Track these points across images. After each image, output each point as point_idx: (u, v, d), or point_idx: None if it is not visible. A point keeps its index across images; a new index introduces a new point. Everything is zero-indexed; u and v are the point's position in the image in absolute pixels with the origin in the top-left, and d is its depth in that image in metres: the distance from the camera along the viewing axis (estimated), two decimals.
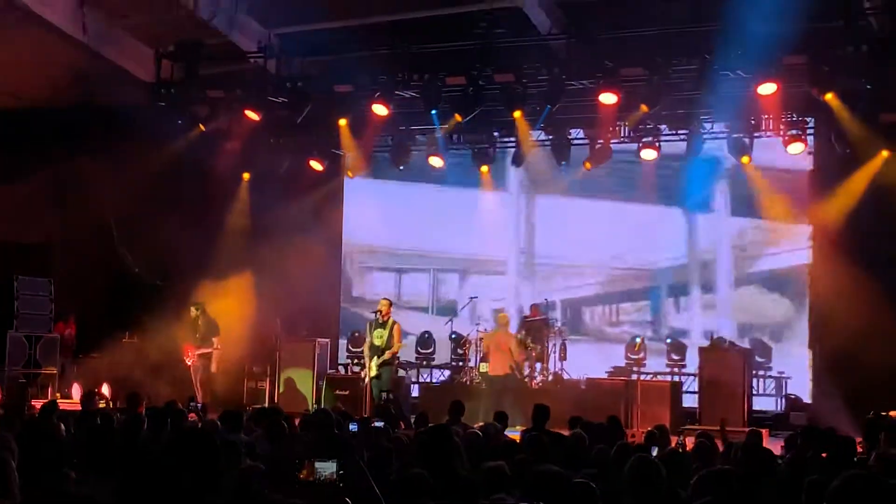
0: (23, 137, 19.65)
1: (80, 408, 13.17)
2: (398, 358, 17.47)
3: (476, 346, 19.17)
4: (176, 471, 4.45)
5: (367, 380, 16.77)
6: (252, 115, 18.72)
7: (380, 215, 21.88)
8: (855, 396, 15.55)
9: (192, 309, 17.55)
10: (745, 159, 18.25)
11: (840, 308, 16.15)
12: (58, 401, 16.24)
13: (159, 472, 4.42)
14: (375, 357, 16.50)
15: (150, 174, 18.53)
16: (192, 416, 12.04)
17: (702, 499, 5.53)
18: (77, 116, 19.07)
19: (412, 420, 13.89)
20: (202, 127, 19.09)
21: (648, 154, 18.64)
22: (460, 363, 19.72)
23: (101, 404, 14.37)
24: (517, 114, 18.06)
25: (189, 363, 17.48)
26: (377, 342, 16.53)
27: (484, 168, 20.37)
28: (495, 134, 19.95)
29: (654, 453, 9.08)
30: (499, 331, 17.96)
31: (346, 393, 18.22)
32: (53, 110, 19.43)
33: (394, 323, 16.69)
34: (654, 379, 18.51)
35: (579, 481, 5.52)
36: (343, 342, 21.02)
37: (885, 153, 16.84)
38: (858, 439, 11.15)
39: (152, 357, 17.51)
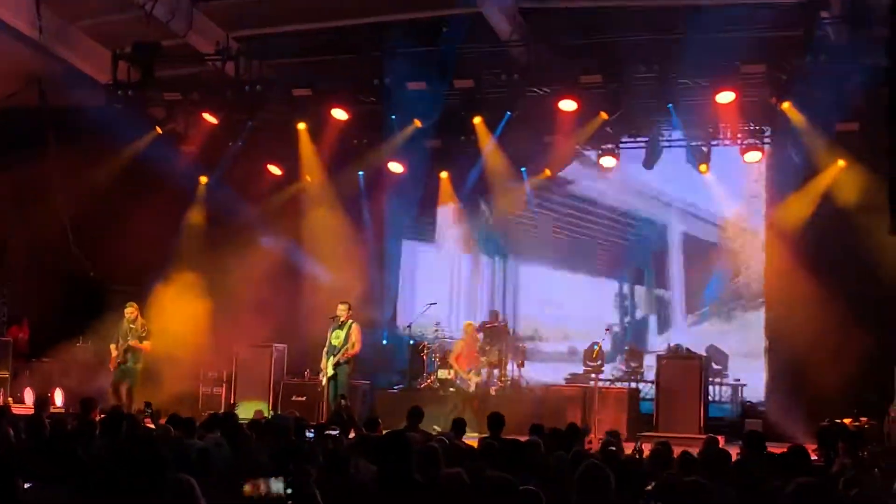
0: None
1: (33, 412, 13.00)
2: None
3: (435, 353, 19.11)
4: (122, 479, 4.38)
5: (324, 381, 16.65)
6: (210, 118, 18.60)
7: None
8: (810, 403, 15.67)
9: (129, 307, 17.04)
10: (703, 168, 18.36)
11: (795, 316, 16.28)
12: (10, 405, 16.06)
13: (109, 480, 4.33)
14: (332, 357, 16.41)
15: (107, 177, 18.36)
16: (148, 422, 11.92)
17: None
18: (32, 118, 18.85)
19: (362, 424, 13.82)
20: (159, 129, 18.97)
21: (608, 161, 18.76)
22: (418, 369, 19.61)
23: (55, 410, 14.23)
24: (477, 119, 18.07)
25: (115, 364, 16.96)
26: (335, 342, 16.44)
27: (443, 174, 20.36)
28: (454, 140, 19.92)
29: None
30: (466, 339, 18.08)
31: (304, 399, 18.10)
32: (8, 111, 19.19)
33: (352, 324, 16.61)
34: (611, 386, 18.55)
35: (526, 488, 5.50)
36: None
37: (840, 162, 16.96)
38: (812, 446, 11.22)
39: (106, 362, 17.25)
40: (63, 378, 18.27)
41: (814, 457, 10.36)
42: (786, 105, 16.21)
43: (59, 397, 17.75)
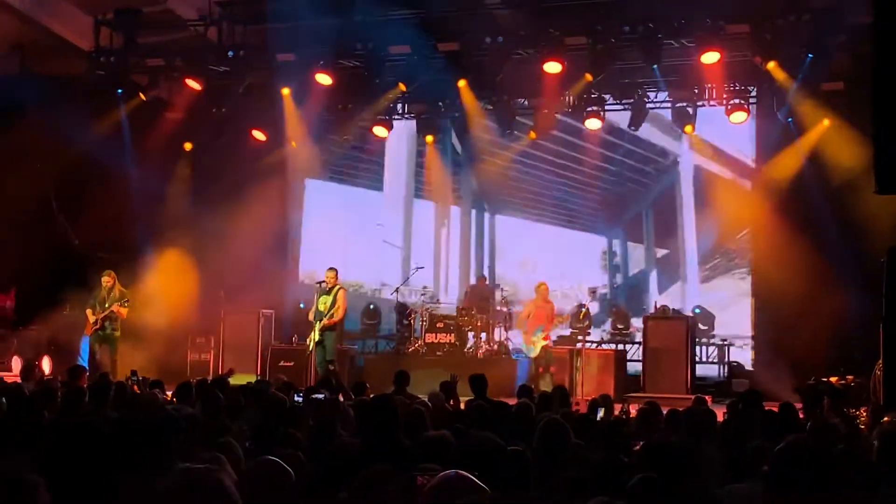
0: None
1: (20, 380, 12.99)
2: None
3: (421, 316, 19.12)
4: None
5: (311, 347, 16.67)
6: (193, 84, 18.50)
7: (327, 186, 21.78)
8: (796, 362, 15.74)
9: (106, 276, 17.03)
10: (688, 128, 18.38)
11: (782, 275, 16.32)
12: None
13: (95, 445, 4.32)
14: (318, 322, 16.42)
15: (90, 144, 18.25)
16: (135, 389, 11.91)
17: (645, 466, 5.54)
18: (14, 86, 18.70)
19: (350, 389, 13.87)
20: (142, 96, 18.88)
21: (593, 123, 18.75)
22: (406, 333, 19.64)
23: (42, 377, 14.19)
24: (461, 83, 18.02)
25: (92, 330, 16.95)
26: (321, 308, 16.44)
27: (429, 138, 20.35)
28: (439, 104, 19.88)
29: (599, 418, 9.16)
30: (537, 300, 17.56)
31: (291, 364, 18.12)
32: None
33: (339, 289, 16.58)
34: (598, 348, 18.61)
35: (514, 449, 5.52)
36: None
37: (825, 121, 16.97)
38: (798, 405, 11.27)
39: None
40: (50, 346, 18.24)
41: (801, 416, 10.41)
42: (771, 65, 16.18)
43: (46, 365, 17.72)
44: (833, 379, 13.77)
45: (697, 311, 19.42)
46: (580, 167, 20.81)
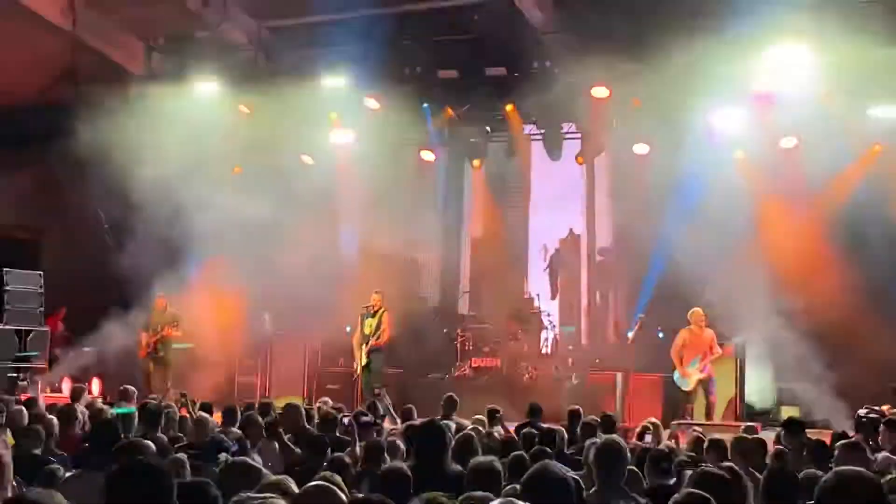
0: (13, 133, 19.52)
1: (70, 402, 13.10)
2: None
3: (469, 341, 19.07)
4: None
5: (358, 370, 16.68)
6: (244, 108, 18.65)
7: None
8: (846, 390, 15.54)
9: (158, 298, 17.29)
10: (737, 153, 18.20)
11: (827, 301, 16.16)
12: (48, 394, 16.23)
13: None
14: (364, 346, 16.43)
15: (141, 166, 18.44)
16: (183, 412, 11.98)
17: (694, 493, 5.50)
18: (67, 110, 18.93)
19: (398, 415, 13.88)
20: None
21: (641, 149, 18.55)
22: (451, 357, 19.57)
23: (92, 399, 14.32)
24: (509, 107, 18.03)
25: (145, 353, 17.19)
26: (367, 331, 16.47)
27: (476, 162, 20.35)
28: (487, 129, 19.87)
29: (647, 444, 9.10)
30: (692, 327, 16.48)
31: (338, 387, 18.14)
32: (43, 106, 19.30)
33: (384, 311, 16.60)
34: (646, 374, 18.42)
35: (572, 476, 5.48)
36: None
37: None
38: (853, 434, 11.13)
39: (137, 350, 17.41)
40: (100, 367, 18.41)
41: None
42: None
43: (95, 386, 17.88)
44: (885, 407, 13.58)
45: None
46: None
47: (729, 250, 16.41)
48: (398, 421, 12.77)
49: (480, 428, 10.13)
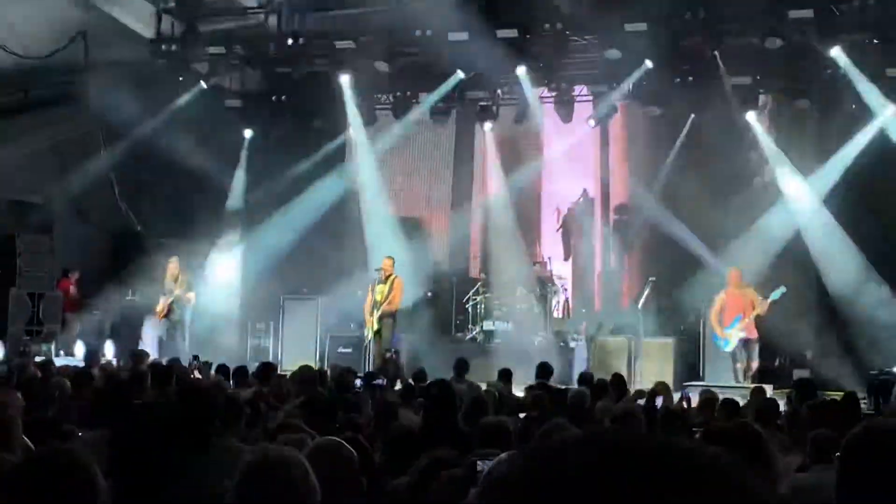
0: (24, 96, 19.50)
1: (84, 365, 13.18)
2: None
3: (480, 305, 19.09)
4: (172, 427, 4.43)
5: (369, 336, 16.69)
6: (253, 71, 18.64)
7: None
8: (857, 351, 15.55)
9: (171, 262, 17.36)
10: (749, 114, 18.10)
11: (842, 262, 16.14)
12: (61, 357, 16.31)
13: (155, 426, 4.38)
14: (375, 311, 16.43)
15: (151, 131, 18.47)
16: (197, 374, 12.05)
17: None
18: (77, 73, 18.92)
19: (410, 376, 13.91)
20: (203, 84, 19.03)
21: (652, 111, 18.48)
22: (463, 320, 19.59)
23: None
24: (521, 70, 17.93)
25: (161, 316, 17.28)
26: (378, 298, 16.45)
27: (487, 125, 20.24)
28: (498, 91, 19.77)
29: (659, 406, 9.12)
30: (730, 288, 16.05)
31: (349, 351, 18.19)
32: (52, 67, 19.27)
33: (395, 278, 16.57)
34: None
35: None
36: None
37: (892, 108, 16.66)
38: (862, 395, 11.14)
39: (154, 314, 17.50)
40: (113, 331, 18.51)
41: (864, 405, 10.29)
42: (834, 51, 15.93)
43: (109, 350, 17.96)
44: None
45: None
46: None
47: None
48: (410, 383, 12.80)
49: (493, 391, 10.16)
